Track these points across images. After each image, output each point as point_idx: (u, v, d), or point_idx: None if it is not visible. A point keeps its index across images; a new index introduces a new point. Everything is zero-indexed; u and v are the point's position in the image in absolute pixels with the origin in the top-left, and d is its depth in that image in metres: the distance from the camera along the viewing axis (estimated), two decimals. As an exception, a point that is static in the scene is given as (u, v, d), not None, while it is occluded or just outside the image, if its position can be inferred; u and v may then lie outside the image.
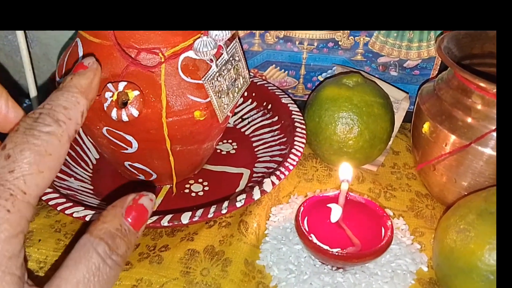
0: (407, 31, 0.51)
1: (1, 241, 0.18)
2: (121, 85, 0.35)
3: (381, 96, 0.46)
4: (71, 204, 0.37)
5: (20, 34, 0.56)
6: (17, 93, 0.68)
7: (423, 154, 0.44)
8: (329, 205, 0.39)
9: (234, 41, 0.40)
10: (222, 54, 0.39)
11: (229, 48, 0.39)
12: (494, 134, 0.37)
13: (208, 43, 0.36)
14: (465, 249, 0.33)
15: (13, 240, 0.18)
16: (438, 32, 0.51)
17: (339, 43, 0.53)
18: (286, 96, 0.52)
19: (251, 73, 0.56)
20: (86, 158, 0.49)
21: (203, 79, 0.37)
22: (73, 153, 0.48)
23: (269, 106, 0.53)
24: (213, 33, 0.37)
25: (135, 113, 0.35)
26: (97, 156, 0.50)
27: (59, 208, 0.37)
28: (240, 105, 0.55)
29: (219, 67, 0.38)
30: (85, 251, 0.20)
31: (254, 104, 0.55)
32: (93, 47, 0.37)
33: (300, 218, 0.37)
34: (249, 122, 0.54)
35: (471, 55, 0.45)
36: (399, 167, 0.50)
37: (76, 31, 0.42)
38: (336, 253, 0.35)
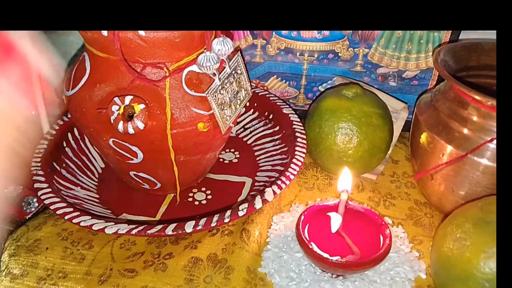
0: (405, 43, 0.52)
1: None
2: (127, 99, 0.36)
3: (379, 107, 0.47)
4: (78, 213, 0.38)
5: (28, 46, 0.57)
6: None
7: (421, 163, 0.45)
8: (329, 213, 0.40)
9: (236, 55, 0.41)
10: (224, 68, 0.40)
11: (231, 62, 0.41)
12: (490, 145, 0.38)
13: (211, 58, 0.37)
14: (461, 257, 0.34)
15: None
16: (436, 44, 0.52)
17: (339, 54, 0.54)
18: (287, 106, 0.53)
19: (252, 84, 0.57)
20: (92, 167, 0.50)
21: (206, 92, 0.38)
22: (79, 163, 0.49)
23: (271, 116, 0.54)
24: (216, 48, 0.38)
25: (141, 125, 0.36)
26: (103, 165, 0.51)
27: (67, 217, 0.38)
28: (242, 115, 0.56)
29: (221, 81, 0.39)
30: None
31: (256, 114, 0.56)
32: (100, 61, 0.39)
33: (300, 227, 0.38)
34: (251, 132, 0.56)
35: (468, 67, 0.46)
36: (398, 176, 0.51)
37: (83, 45, 0.43)
38: (336, 261, 0.36)
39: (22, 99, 0.42)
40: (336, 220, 0.39)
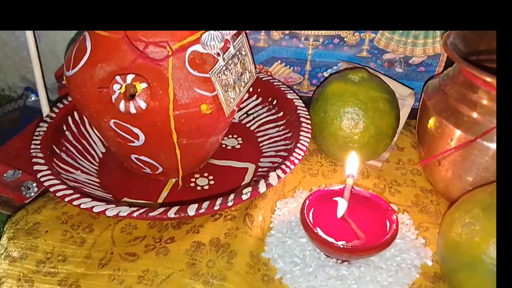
0: (413, 28, 0.51)
1: None
2: (129, 78, 0.35)
3: (386, 91, 0.46)
4: (78, 195, 0.38)
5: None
6: (24, 87, 0.69)
7: (428, 149, 0.44)
8: (334, 198, 0.39)
9: (241, 36, 0.40)
10: (229, 48, 0.39)
11: (236, 42, 0.40)
12: (500, 129, 0.37)
13: (215, 36, 0.36)
14: (470, 242, 0.33)
15: None
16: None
17: (345, 39, 0.53)
18: (292, 91, 0.52)
19: (256, 69, 0.56)
20: (93, 152, 0.49)
21: (210, 72, 0.37)
22: (79, 147, 0.49)
23: (274, 102, 0.53)
24: (220, 27, 0.37)
25: (143, 105, 0.35)
26: (103, 150, 0.50)
27: (66, 199, 0.37)
28: (245, 100, 0.55)
29: (226, 61, 0.38)
30: None
31: (259, 99, 0.55)
32: (101, 40, 0.38)
33: (305, 212, 0.37)
34: (254, 118, 0.55)
35: (477, 51, 0.45)
36: (404, 163, 0.50)
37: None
38: (341, 246, 0.35)
39: None
40: (341, 205, 0.38)
